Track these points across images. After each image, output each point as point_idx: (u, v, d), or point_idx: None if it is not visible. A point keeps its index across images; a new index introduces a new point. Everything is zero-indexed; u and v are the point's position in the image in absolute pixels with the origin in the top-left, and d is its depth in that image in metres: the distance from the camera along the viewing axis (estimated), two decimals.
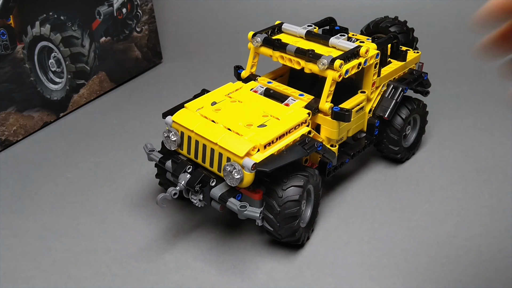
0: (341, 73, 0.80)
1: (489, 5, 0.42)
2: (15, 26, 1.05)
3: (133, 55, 1.36)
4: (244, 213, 0.72)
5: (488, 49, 0.43)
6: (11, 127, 1.08)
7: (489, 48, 0.43)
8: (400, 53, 0.97)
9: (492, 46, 0.43)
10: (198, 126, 0.77)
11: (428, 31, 1.58)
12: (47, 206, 0.91)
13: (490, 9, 0.42)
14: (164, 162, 0.80)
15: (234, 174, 0.71)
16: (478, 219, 0.86)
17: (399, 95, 0.91)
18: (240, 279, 0.75)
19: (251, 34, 0.91)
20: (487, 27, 0.42)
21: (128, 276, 0.76)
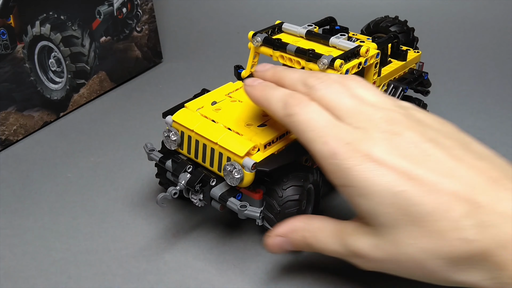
0: (341, 72, 0.80)
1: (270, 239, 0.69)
2: (15, 25, 1.05)
3: (133, 55, 1.36)
4: (244, 213, 0.72)
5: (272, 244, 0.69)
6: (11, 127, 1.08)
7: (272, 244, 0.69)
8: (401, 53, 0.97)
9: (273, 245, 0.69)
10: (198, 126, 0.77)
11: (429, 30, 1.58)
12: (47, 205, 0.91)
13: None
14: (164, 162, 0.80)
15: (234, 174, 0.71)
16: None
17: (399, 95, 0.91)
18: (240, 279, 0.75)
19: (251, 34, 0.91)
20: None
21: (128, 276, 0.76)
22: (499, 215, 0.50)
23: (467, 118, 1.15)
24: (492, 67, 1.39)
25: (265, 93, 0.67)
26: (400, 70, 0.97)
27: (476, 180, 0.53)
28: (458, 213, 0.52)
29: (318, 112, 0.62)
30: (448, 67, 1.40)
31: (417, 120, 0.60)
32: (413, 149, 0.56)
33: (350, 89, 0.64)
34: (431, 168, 0.55)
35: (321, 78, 0.65)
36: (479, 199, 0.52)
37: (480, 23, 1.62)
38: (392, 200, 0.55)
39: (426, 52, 1.25)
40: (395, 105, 0.63)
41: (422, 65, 1.03)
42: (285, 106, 0.64)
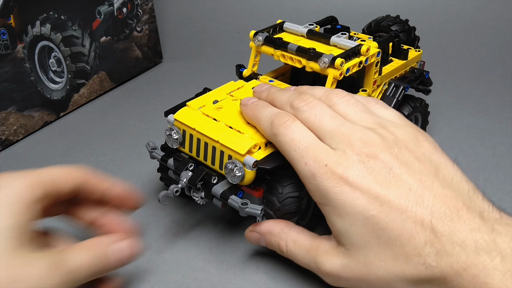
0: (342, 71, 0.80)
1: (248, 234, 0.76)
2: (15, 25, 1.05)
3: (134, 55, 1.36)
4: (245, 210, 0.72)
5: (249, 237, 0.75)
6: (11, 127, 1.08)
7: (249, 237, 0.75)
8: (402, 52, 0.97)
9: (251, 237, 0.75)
10: (200, 124, 0.77)
11: (430, 30, 1.58)
12: None
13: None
14: (166, 160, 0.80)
15: (235, 172, 0.71)
16: None
17: (400, 94, 0.91)
18: (240, 279, 0.75)
19: (252, 33, 0.91)
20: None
21: (128, 276, 0.76)
22: (456, 245, 0.55)
23: (467, 118, 1.15)
24: (492, 66, 1.39)
25: (256, 112, 0.73)
26: (401, 69, 0.97)
27: (441, 209, 0.57)
28: (421, 240, 0.56)
29: (301, 133, 0.66)
30: (448, 66, 1.40)
31: (394, 140, 0.64)
32: (386, 174, 0.60)
33: (333, 105, 0.69)
34: (401, 194, 0.59)
35: (306, 101, 0.70)
36: (440, 229, 0.56)
37: (481, 22, 1.62)
38: (364, 223, 0.60)
39: (427, 51, 1.25)
40: (375, 122, 0.67)
41: (423, 64, 1.03)
42: (271, 126, 0.69)
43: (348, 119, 0.68)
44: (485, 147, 1.04)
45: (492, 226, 0.56)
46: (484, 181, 0.94)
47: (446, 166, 0.64)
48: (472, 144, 1.05)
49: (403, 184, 0.60)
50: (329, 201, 0.62)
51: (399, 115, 0.71)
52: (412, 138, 0.66)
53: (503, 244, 0.54)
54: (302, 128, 0.67)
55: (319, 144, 0.65)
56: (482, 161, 1.00)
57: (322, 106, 0.69)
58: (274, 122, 0.69)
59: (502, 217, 0.58)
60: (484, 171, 0.97)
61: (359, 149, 0.62)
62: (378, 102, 0.73)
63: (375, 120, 0.68)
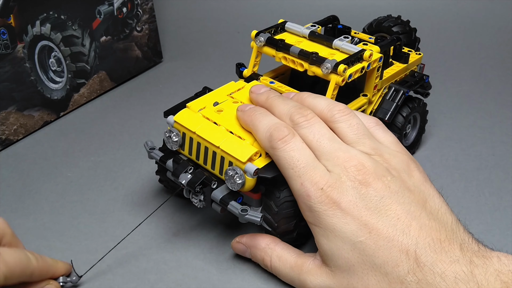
0: (344, 77, 0.80)
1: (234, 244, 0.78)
2: (15, 25, 1.05)
3: (134, 54, 1.36)
4: (245, 217, 0.71)
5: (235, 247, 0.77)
6: (11, 126, 1.08)
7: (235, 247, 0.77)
8: (403, 55, 0.97)
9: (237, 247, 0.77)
10: (200, 128, 0.76)
11: (430, 29, 1.58)
12: (47, 205, 0.91)
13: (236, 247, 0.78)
14: (164, 161, 0.80)
15: (236, 179, 0.71)
16: (478, 217, 0.86)
17: (400, 98, 0.91)
18: (240, 278, 0.75)
19: (254, 33, 0.90)
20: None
21: (128, 275, 0.76)
22: (437, 275, 0.57)
23: (467, 118, 1.15)
24: (492, 67, 1.39)
25: (254, 119, 0.73)
26: (402, 73, 0.96)
27: (425, 240, 0.60)
28: (404, 269, 0.59)
29: (300, 151, 0.67)
30: (448, 66, 1.40)
31: (387, 169, 0.66)
32: (377, 202, 0.63)
33: (334, 122, 0.71)
34: (390, 223, 0.62)
35: (306, 116, 0.71)
36: (423, 259, 0.59)
37: (481, 23, 1.62)
38: (351, 248, 0.62)
39: (427, 50, 1.25)
40: (372, 147, 0.69)
41: (423, 67, 1.03)
42: (270, 138, 0.69)
43: (346, 141, 0.70)
44: (485, 147, 1.04)
45: (470, 258, 0.58)
46: (484, 181, 0.95)
47: (434, 197, 0.67)
48: (472, 144, 1.05)
49: (393, 213, 0.62)
50: (320, 223, 0.65)
51: (396, 141, 0.73)
52: (405, 168, 0.68)
53: (479, 275, 0.57)
54: (301, 146, 0.68)
55: (316, 166, 0.67)
56: (482, 160, 1.00)
57: (321, 126, 0.70)
58: (273, 135, 0.69)
59: (480, 250, 0.60)
60: (484, 170, 0.97)
61: (353, 176, 0.65)
62: (379, 123, 0.75)
63: (372, 145, 0.69)
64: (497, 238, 0.82)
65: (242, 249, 0.77)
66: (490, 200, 0.90)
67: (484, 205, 0.89)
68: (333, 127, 0.71)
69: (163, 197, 0.91)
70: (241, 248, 0.77)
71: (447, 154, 1.02)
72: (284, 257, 0.72)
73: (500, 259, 0.58)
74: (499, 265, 0.57)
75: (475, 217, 0.86)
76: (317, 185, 0.64)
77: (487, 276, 0.56)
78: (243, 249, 0.77)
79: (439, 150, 1.04)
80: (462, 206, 0.89)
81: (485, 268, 0.57)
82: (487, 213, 0.87)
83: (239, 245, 0.77)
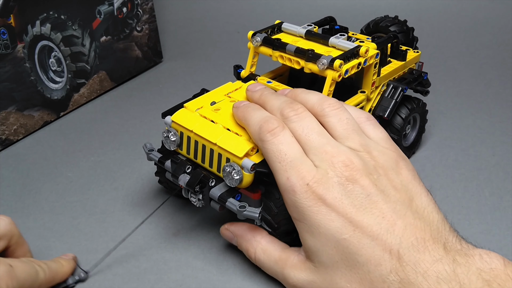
0: (340, 73, 0.80)
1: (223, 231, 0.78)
2: (15, 25, 1.05)
3: (134, 54, 1.36)
4: (243, 214, 0.72)
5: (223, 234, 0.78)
6: (11, 126, 1.08)
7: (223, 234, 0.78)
8: (400, 53, 0.97)
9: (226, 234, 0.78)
10: (197, 126, 0.77)
11: (428, 30, 1.58)
12: (47, 205, 0.91)
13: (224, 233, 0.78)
14: (163, 162, 0.80)
15: (233, 175, 0.71)
16: (478, 217, 0.86)
17: (398, 95, 0.91)
18: (240, 278, 0.76)
19: (250, 34, 0.91)
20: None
21: (128, 275, 0.76)
22: (419, 274, 0.57)
23: (467, 117, 1.15)
24: (492, 66, 1.39)
25: (246, 114, 0.74)
26: (400, 70, 0.97)
27: (409, 239, 0.60)
28: (387, 268, 0.59)
29: (288, 145, 0.67)
30: (448, 66, 1.40)
31: (375, 167, 0.66)
32: (363, 200, 0.63)
33: (324, 116, 0.71)
34: (375, 221, 0.61)
35: (296, 110, 0.71)
36: (406, 258, 0.59)
37: (480, 22, 1.62)
38: (335, 245, 0.62)
39: (425, 51, 1.25)
40: (360, 143, 0.69)
41: (421, 65, 1.03)
42: (260, 131, 0.69)
43: (335, 136, 0.69)
44: (485, 147, 1.04)
45: (453, 257, 0.59)
46: (484, 181, 0.95)
47: (421, 196, 0.66)
48: (472, 144, 1.05)
49: (378, 211, 0.62)
50: (305, 219, 0.64)
51: (387, 136, 0.73)
52: (393, 165, 0.68)
53: (461, 274, 0.57)
54: (290, 140, 0.68)
55: (304, 160, 0.66)
56: (482, 160, 1.00)
57: (311, 120, 0.70)
58: (263, 127, 0.69)
59: (463, 248, 0.60)
60: (485, 170, 0.97)
61: (340, 172, 0.64)
62: (370, 119, 0.74)
63: (361, 141, 0.69)
64: (497, 238, 0.82)
65: (229, 236, 0.77)
66: (490, 200, 0.90)
67: (484, 205, 0.89)
68: (323, 121, 0.71)
69: (163, 197, 0.92)
70: (229, 235, 0.77)
71: (447, 154, 1.02)
72: (269, 251, 0.72)
73: (482, 257, 0.58)
74: (481, 264, 0.58)
75: (475, 217, 0.86)
76: (303, 180, 0.64)
77: (469, 275, 0.57)
78: (230, 237, 0.77)
79: (439, 150, 1.04)
80: (462, 206, 0.89)
81: (467, 267, 0.57)
82: (487, 213, 0.87)
83: (227, 232, 0.77)
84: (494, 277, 0.56)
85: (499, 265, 0.58)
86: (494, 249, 0.78)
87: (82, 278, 0.74)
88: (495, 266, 0.57)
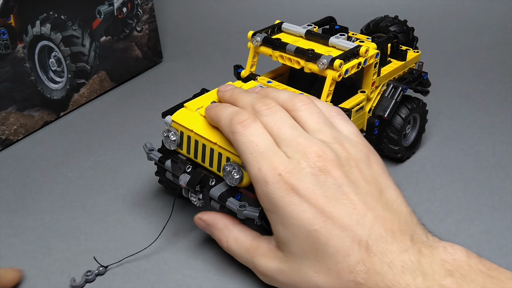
0: (340, 72, 0.80)
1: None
2: (15, 25, 1.05)
3: (134, 54, 1.36)
4: (243, 213, 0.72)
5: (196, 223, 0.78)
6: (11, 126, 1.08)
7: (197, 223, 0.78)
8: (400, 53, 0.97)
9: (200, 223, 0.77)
10: (198, 126, 0.77)
11: (428, 30, 1.58)
12: (47, 205, 0.91)
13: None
14: (163, 162, 0.80)
15: (233, 174, 0.71)
16: (478, 217, 0.86)
17: (398, 95, 0.91)
18: (240, 278, 0.75)
19: (250, 34, 0.91)
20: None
21: (128, 275, 0.76)
22: (385, 264, 0.59)
23: (467, 117, 1.15)
24: (492, 66, 1.39)
25: (217, 112, 0.74)
26: (400, 70, 0.97)
27: (378, 230, 0.61)
28: (354, 259, 0.60)
29: (260, 136, 0.67)
30: (448, 66, 1.40)
31: (346, 158, 0.66)
32: (335, 190, 0.63)
33: (296, 110, 0.71)
34: (346, 212, 0.62)
35: (268, 105, 0.71)
36: (374, 249, 0.60)
37: (480, 22, 1.62)
38: (305, 235, 0.63)
39: (426, 51, 1.25)
40: (332, 136, 0.69)
41: (421, 65, 1.03)
42: (230, 123, 0.69)
43: (307, 129, 0.70)
44: (485, 146, 1.04)
45: (419, 248, 0.60)
46: (485, 180, 0.94)
47: (390, 189, 0.67)
48: (472, 144, 1.05)
49: (349, 202, 0.63)
50: (277, 210, 0.64)
51: (357, 131, 0.73)
52: (364, 158, 0.68)
53: (425, 264, 0.58)
54: (261, 131, 0.68)
55: (276, 151, 0.66)
56: (482, 160, 1.00)
57: (283, 114, 0.70)
58: (233, 119, 0.69)
59: (429, 240, 0.62)
60: (485, 170, 0.97)
61: (313, 162, 0.64)
62: (340, 113, 0.75)
63: (333, 134, 0.69)
64: (497, 238, 0.82)
65: (202, 226, 0.77)
66: (490, 200, 0.90)
67: (484, 205, 0.89)
68: (294, 115, 0.71)
69: (163, 197, 0.92)
70: (202, 224, 0.77)
71: (447, 154, 1.02)
72: (241, 240, 0.73)
73: (446, 249, 0.60)
74: (445, 255, 0.59)
75: (475, 217, 0.86)
76: (275, 171, 0.64)
77: (433, 265, 0.58)
78: (203, 226, 0.77)
79: (439, 150, 1.04)
80: (462, 206, 0.89)
81: (431, 258, 0.59)
82: (487, 213, 0.87)
83: (200, 221, 0.77)
84: (456, 267, 0.58)
85: (462, 256, 0.59)
86: (494, 249, 0.79)
87: (101, 272, 0.76)
88: (458, 257, 0.59)
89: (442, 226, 0.84)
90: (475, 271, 0.57)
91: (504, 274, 0.58)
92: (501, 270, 0.59)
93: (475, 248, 0.79)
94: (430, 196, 0.91)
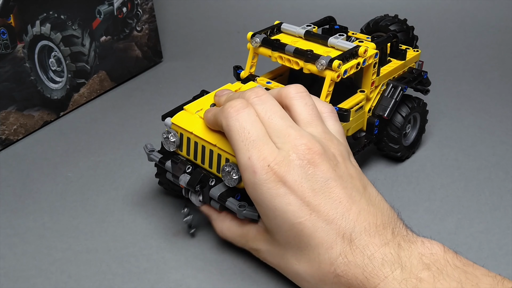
0: (339, 73, 0.80)
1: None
2: (15, 25, 1.05)
3: (134, 54, 1.36)
4: (243, 213, 0.72)
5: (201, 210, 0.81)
6: (11, 126, 1.08)
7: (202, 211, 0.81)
8: (400, 52, 0.97)
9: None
10: (197, 128, 0.77)
11: (428, 29, 1.58)
12: (47, 205, 0.91)
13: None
14: (164, 162, 0.81)
15: (232, 175, 0.71)
16: (478, 217, 0.86)
17: (398, 94, 0.91)
18: (240, 278, 0.76)
19: (250, 35, 0.91)
20: None
21: (128, 275, 0.76)
22: (365, 257, 0.60)
23: (467, 117, 1.15)
24: (492, 66, 1.39)
25: (213, 113, 0.74)
26: (400, 69, 0.97)
27: (362, 224, 0.63)
28: (337, 251, 0.62)
29: (252, 123, 0.67)
30: (448, 65, 1.40)
31: (334, 154, 0.68)
32: (322, 184, 0.64)
33: (291, 98, 0.71)
34: (332, 206, 0.63)
35: (258, 93, 0.71)
36: (357, 242, 0.61)
37: (480, 21, 1.62)
38: (290, 227, 0.64)
39: (425, 50, 1.25)
40: (322, 131, 0.70)
41: (421, 64, 1.03)
42: (222, 110, 0.69)
43: (298, 120, 0.70)
44: (485, 146, 1.04)
45: (398, 242, 0.62)
46: (485, 180, 0.94)
47: (371, 186, 0.69)
48: (472, 143, 1.05)
49: (335, 196, 0.64)
50: (263, 201, 0.65)
51: (343, 133, 0.75)
52: (348, 156, 0.71)
53: (404, 257, 0.60)
54: (254, 118, 0.68)
55: (266, 141, 0.66)
56: (482, 160, 1.00)
57: (273, 103, 0.70)
58: (225, 106, 0.69)
59: (408, 234, 0.64)
60: (485, 170, 0.97)
61: (302, 155, 0.65)
62: (333, 112, 0.76)
63: (324, 129, 0.70)
64: (497, 238, 0.82)
65: (204, 214, 0.81)
66: (490, 200, 0.90)
67: (484, 205, 0.89)
68: (289, 103, 0.71)
69: (163, 197, 0.92)
70: (204, 213, 0.81)
71: (447, 153, 1.02)
72: (232, 228, 0.76)
73: (424, 243, 0.62)
74: (423, 249, 0.61)
75: (475, 217, 0.86)
76: (265, 161, 0.64)
77: (411, 258, 0.60)
78: (205, 215, 0.81)
79: (439, 149, 1.04)
80: (462, 206, 0.89)
81: (410, 251, 0.61)
82: (487, 213, 0.87)
83: (202, 211, 0.81)
84: (433, 261, 0.59)
85: (439, 251, 0.61)
86: (494, 249, 0.79)
87: (188, 220, 0.81)
88: (435, 251, 0.61)
89: (442, 226, 0.84)
90: (451, 266, 0.59)
91: (479, 271, 0.60)
92: (476, 267, 0.60)
93: (475, 248, 0.80)
94: (430, 195, 0.91)
